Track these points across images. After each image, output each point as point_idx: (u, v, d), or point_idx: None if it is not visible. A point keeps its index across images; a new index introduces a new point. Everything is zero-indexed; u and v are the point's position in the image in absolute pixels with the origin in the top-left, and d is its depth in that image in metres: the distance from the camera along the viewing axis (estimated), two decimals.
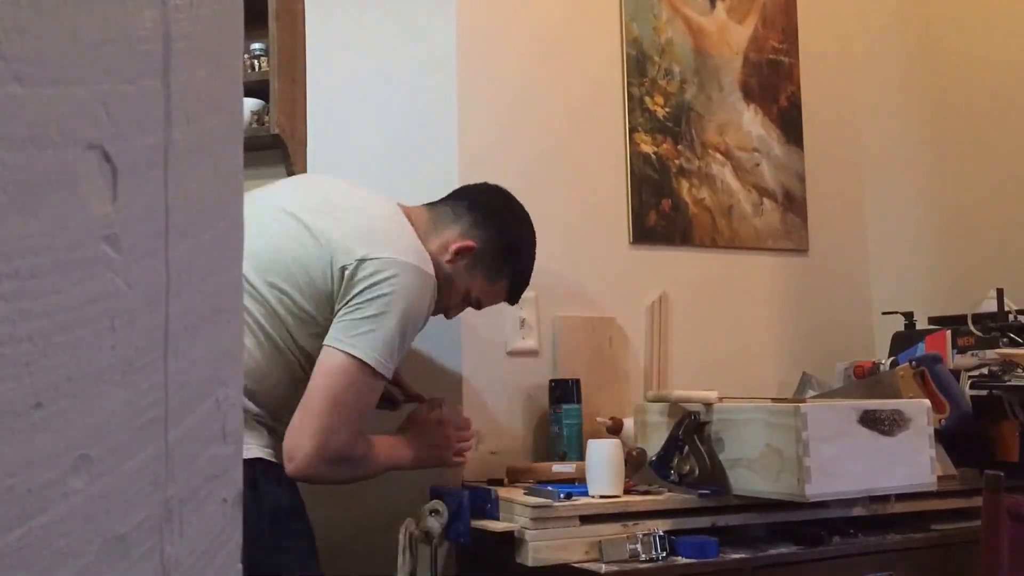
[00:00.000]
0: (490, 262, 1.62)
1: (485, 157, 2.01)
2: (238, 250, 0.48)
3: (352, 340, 1.41)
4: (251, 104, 2.25)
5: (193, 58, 0.44)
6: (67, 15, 0.36)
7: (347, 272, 1.43)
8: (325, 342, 1.43)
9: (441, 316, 1.66)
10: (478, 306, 1.69)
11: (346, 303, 1.43)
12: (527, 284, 1.72)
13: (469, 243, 1.59)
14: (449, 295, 1.60)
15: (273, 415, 1.47)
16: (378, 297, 1.42)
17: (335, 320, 1.43)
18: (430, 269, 1.50)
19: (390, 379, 1.49)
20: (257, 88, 2.19)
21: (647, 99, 2.20)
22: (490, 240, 1.61)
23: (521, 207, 1.70)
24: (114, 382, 0.38)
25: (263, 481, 1.41)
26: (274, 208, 1.51)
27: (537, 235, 1.87)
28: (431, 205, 1.66)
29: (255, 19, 2.13)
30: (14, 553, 0.33)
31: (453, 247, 1.58)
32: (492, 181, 1.79)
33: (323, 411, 1.39)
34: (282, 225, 1.48)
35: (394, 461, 1.55)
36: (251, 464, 1.37)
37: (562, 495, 1.54)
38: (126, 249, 0.39)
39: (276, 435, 1.46)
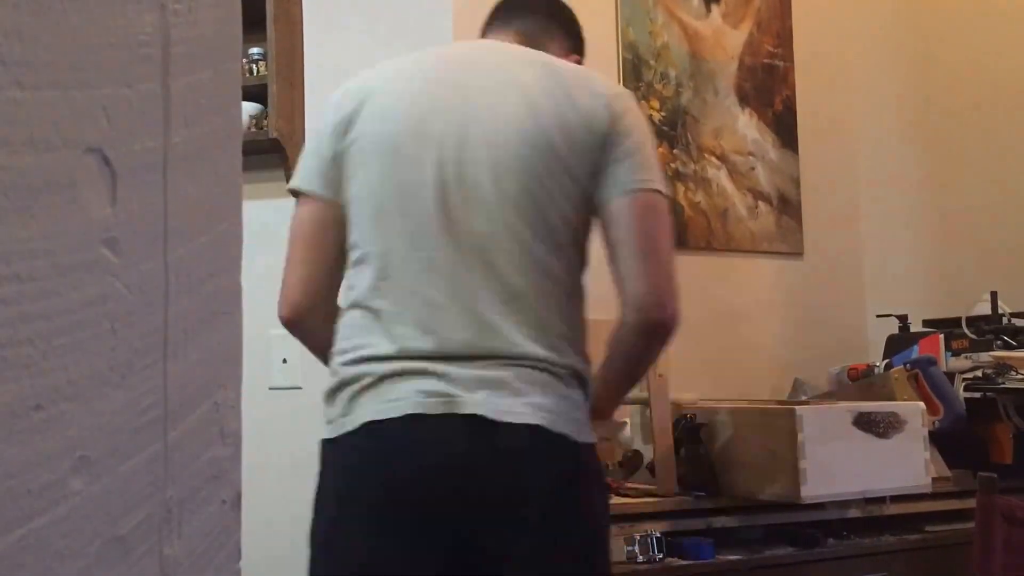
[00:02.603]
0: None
1: None
2: (237, 253, 0.48)
3: (640, 177, 1.25)
4: (249, 108, 2.25)
5: (192, 62, 0.44)
6: (67, 19, 0.37)
7: (611, 128, 1.24)
8: (631, 187, 1.25)
9: None
10: None
11: (614, 147, 1.25)
12: None
13: (578, 58, 1.46)
14: None
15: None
16: (626, 130, 1.26)
17: (612, 170, 1.25)
18: None
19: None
20: (255, 92, 2.19)
21: (643, 103, 2.21)
22: (581, 51, 1.50)
23: None
24: (113, 384, 0.39)
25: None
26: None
27: None
28: (505, 25, 1.45)
29: (253, 23, 2.13)
30: (14, 554, 0.34)
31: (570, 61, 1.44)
32: None
33: (669, 253, 1.26)
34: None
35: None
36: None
37: None
38: (125, 252, 0.39)
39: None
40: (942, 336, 1.99)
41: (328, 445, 1.20)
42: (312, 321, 1.28)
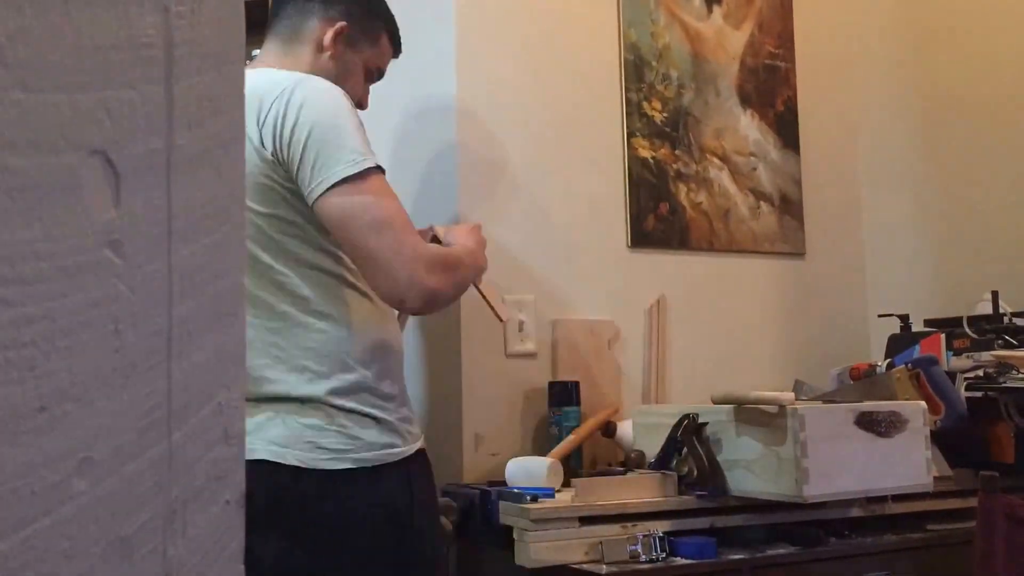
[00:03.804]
0: (365, 26, 1.53)
1: (484, 160, 2.01)
2: (241, 254, 0.49)
3: (328, 172, 1.26)
4: None
5: (195, 64, 0.44)
6: (70, 22, 0.37)
7: (266, 140, 1.29)
8: (313, 196, 1.27)
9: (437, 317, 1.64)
10: (380, 76, 1.59)
11: (291, 158, 1.28)
12: (397, 27, 1.61)
13: (340, 24, 1.48)
14: (353, 84, 1.49)
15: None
16: (297, 124, 1.28)
17: (300, 177, 1.28)
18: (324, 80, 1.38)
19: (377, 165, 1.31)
20: None
21: (645, 104, 2.21)
22: (350, 9, 1.51)
23: None
24: (117, 385, 0.39)
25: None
26: None
27: (536, 237, 1.87)
28: (270, 32, 1.52)
29: (257, 25, 2.13)
30: (19, 555, 0.34)
31: (328, 37, 1.47)
32: (491, 185, 1.78)
33: (378, 242, 1.25)
34: None
35: (464, 253, 1.42)
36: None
37: (528, 498, 1.55)
38: (129, 254, 0.39)
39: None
40: (943, 336, 1.99)
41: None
42: None
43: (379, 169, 1.30)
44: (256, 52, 2.30)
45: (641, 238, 2.17)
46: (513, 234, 2.01)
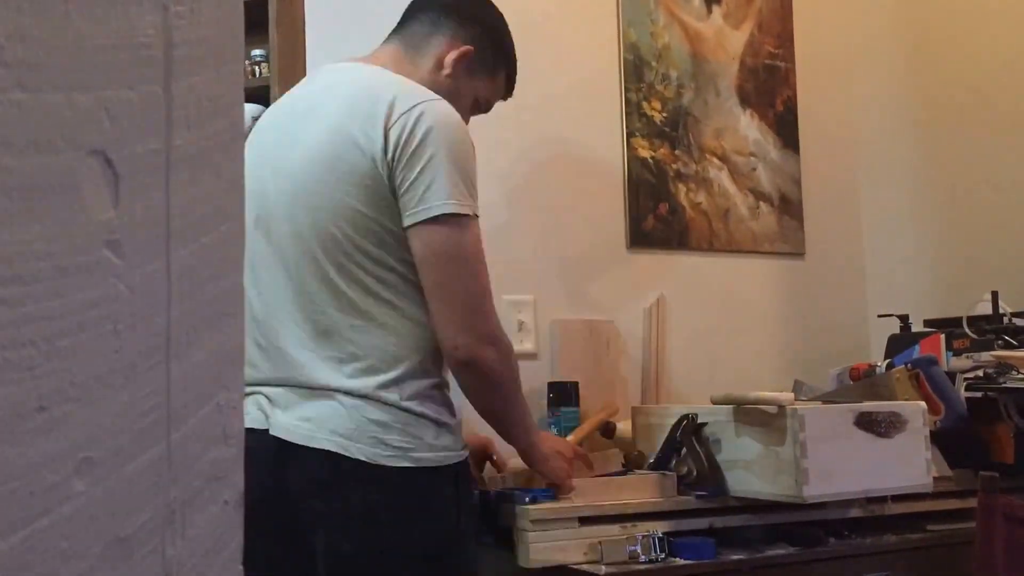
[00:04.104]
0: (489, 58, 1.53)
1: (483, 160, 2.00)
2: (240, 255, 0.49)
3: (435, 202, 1.28)
4: (252, 110, 2.26)
5: (194, 64, 0.44)
6: (69, 21, 0.37)
7: (389, 145, 1.29)
8: (415, 219, 1.29)
9: None
10: (487, 109, 1.60)
11: (403, 176, 1.29)
12: (517, 71, 1.62)
13: (466, 48, 1.48)
14: (461, 109, 1.48)
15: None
16: (423, 144, 1.29)
17: (406, 197, 1.30)
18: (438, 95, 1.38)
19: (477, 214, 1.34)
20: (258, 94, 2.20)
21: (644, 104, 2.21)
22: (480, 37, 1.51)
23: None
24: (117, 385, 0.39)
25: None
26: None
27: (536, 237, 1.88)
28: (396, 33, 1.53)
29: (256, 25, 2.13)
30: (18, 555, 0.34)
31: (451, 58, 1.47)
32: (492, 186, 1.78)
33: (468, 285, 1.29)
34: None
35: (526, 421, 1.46)
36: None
37: (528, 498, 1.55)
38: (128, 254, 0.39)
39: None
40: (943, 336, 1.99)
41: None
42: None
43: (476, 218, 1.33)
44: (256, 52, 2.30)
45: (641, 238, 2.17)
46: (512, 234, 2.01)
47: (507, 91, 1.62)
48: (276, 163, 1.39)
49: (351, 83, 1.39)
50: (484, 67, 1.53)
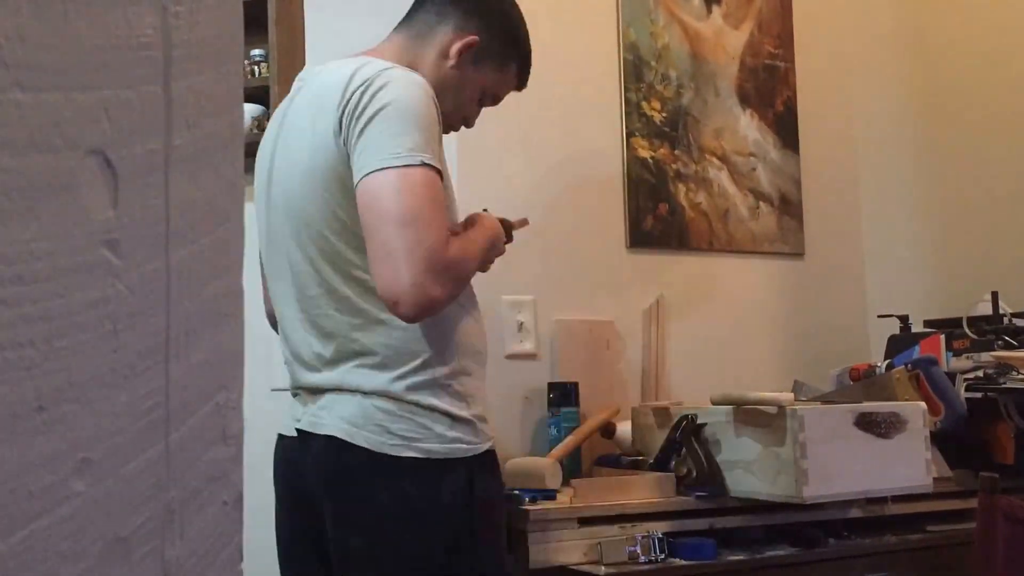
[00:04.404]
0: (497, 49, 1.47)
1: (484, 161, 2.01)
2: (239, 255, 0.49)
3: (375, 157, 1.21)
4: (251, 110, 2.26)
5: (194, 64, 0.44)
6: (68, 22, 0.37)
7: (344, 112, 1.25)
8: (356, 180, 1.23)
9: None
10: (495, 101, 1.55)
11: (351, 141, 1.24)
12: (531, 62, 1.57)
13: (471, 37, 1.43)
14: (465, 100, 1.46)
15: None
16: (370, 104, 1.24)
17: (352, 162, 1.24)
18: (421, 77, 1.33)
19: (441, 168, 1.27)
20: (257, 94, 2.20)
21: (644, 104, 2.21)
22: (489, 27, 1.46)
23: None
24: (116, 385, 0.39)
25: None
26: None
27: (536, 238, 1.87)
28: (403, 24, 1.49)
29: (255, 25, 2.13)
30: (16, 555, 0.34)
31: (455, 48, 1.43)
32: (492, 186, 1.78)
33: (394, 235, 1.19)
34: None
35: (473, 254, 1.35)
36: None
37: (527, 499, 1.55)
38: (127, 254, 0.39)
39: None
40: (943, 336, 1.99)
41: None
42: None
43: (430, 168, 1.23)
44: (255, 52, 2.30)
45: (640, 238, 2.17)
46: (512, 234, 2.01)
47: (520, 83, 1.57)
48: (273, 176, 1.40)
49: (320, 84, 1.36)
50: (491, 58, 1.48)
